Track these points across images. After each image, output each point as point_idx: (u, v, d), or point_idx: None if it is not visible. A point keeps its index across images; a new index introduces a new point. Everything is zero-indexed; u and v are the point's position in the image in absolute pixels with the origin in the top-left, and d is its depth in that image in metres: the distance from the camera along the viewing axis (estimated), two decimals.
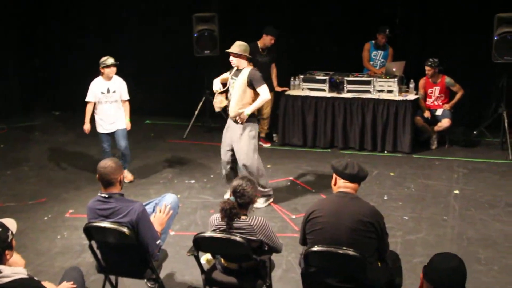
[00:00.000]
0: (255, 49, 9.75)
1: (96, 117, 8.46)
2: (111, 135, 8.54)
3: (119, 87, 8.44)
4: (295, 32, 11.64)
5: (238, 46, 7.38)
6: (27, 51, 12.83)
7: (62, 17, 12.68)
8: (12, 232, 3.89)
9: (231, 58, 7.43)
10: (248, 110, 7.34)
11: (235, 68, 7.52)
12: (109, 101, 8.39)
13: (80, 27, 12.53)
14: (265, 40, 9.92)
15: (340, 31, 11.42)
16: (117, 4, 12.37)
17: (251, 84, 7.33)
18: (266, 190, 7.74)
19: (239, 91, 7.35)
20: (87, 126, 8.45)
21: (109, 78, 8.35)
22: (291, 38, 11.56)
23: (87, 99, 8.40)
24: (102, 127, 8.45)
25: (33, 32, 12.82)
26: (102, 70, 8.30)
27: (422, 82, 10.12)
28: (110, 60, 8.25)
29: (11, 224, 3.95)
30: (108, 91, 8.36)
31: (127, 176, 8.64)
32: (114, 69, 8.32)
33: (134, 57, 12.15)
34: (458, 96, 10.03)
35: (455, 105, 10.04)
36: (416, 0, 11.15)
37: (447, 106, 9.99)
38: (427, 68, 9.88)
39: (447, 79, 9.97)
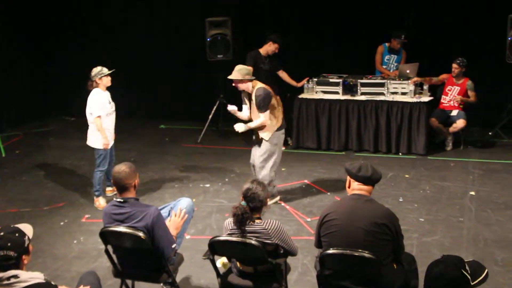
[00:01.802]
0: (257, 57, 9.66)
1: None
2: None
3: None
4: (307, 35, 11.63)
5: (238, 72, 7.40)
6: (40, 57, 12.90)
7: (74, 23, 12.73)
8: (28, 237, 3.92)
9: (235, 84, 7.51)
10: (244, 127, 7.60)
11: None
12: (113, 111, 7.99)
13: (93, 33, 12.57)
14: (270, 48, 9.76)
15: (353, 33, 11.40)
16: (130, 10, 12.41)
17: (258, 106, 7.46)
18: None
19: (255, 112, 7.53)
20: (107, 141, 7.86)
21: (106, 88, 7.88)
22: (304, 41, 11.56)
23: (98, 114, 7.75)
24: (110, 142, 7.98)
25: (46, 38, 12.88)
26: (98, 81, 7.75)
27: (446, 75, 10.02)
28: (105, 69, 7.79)
29: (27, 229, 3.97)
30: (110, 101, 7.95)
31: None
32: (110, 78, 7.87)
33: (148, 62, 12.22)
34: (470, 99, 9.94)
35: (465, 104, 9.93)
36: (428, 2, 11.10)
37: (458, 98, 9.87)
38: (454, 66, 9.82)
39: (469, 82, 9.92)
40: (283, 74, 10.23)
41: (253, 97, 7.43)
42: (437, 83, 10.13)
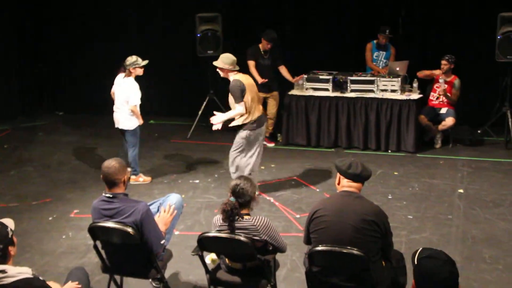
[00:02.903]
0: (257, 52, 9.90)
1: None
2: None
3: None
4: (298, 32, 11.64)
5: (220, 59, 7.59)
6: (30, 51, 12.84)
7: (65, 18, 12.67)
8: (11, 229, 3.91)
9: (218, 70, 7.67)
10: (220, 118, 7.62)
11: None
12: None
13: (83, 28, 12.51)
14: (263, 44, 9.93)
15: (343, 30, 11.42)
16: (120, 5, 12.36)
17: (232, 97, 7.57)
18: None
19: (230, 100, 7.63)
20: (142, 120, 8.60)
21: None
22: (294, 37, 11.55)
23: (136, 103, 8.40)
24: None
25: (36, 32, 12.83)
26: (132, 71, 8.28)
27: (438, 71, 10.02)
28: (140, 60, 8.29)
29: (8, 222, 3.97)
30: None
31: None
32: (143, 69, 8.39)
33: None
34: (452, 97, 9.93)
35: (447, 96, 9.92)
36: (419, 0, 11.13)
37: (444, 87, 9.86)
38: (443, 62, 9.80)
39: (456, 81, 9.93)
40: (282, 69, 10.27)
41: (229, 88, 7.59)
42: (429, 77, 10.09)
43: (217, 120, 7.65)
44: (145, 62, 8.31)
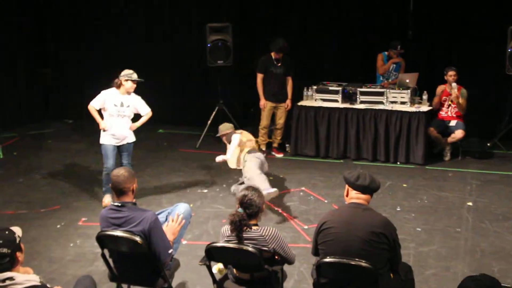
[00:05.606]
0: (269, 61, 9.94)
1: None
2: (117, 149, 8.01)
3: (133, 102, 7.96)
4: (307, 43, 11.64)
5: (219, 130, 8.64)
6: (38, 59, 12.91)
7: (73, 28, 12.74)
8: (18, 235, 3.92)
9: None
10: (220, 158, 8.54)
11: None
12: (121, 115, 7.88)
13: (92, 37, 12.59)
14: (274, 53, 9.96)
15: (353, 42, 11.42)
16: (129, 14, 12.42)
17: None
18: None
19: (232, 155, 8.46)
20: (104, 125, 7.84)
21: (127, 93, 7.87)
22: (303, 49, 11.56)
23: (91, 103, 7.85)
24: (109, 138, 7.91)
25: (44, 39, 12.91)
26: (124, 82, 7.77)
27: (440, 88, 10.01)
28: (135, 75, 7.78)
29: (15, 229, 3.98)
30: (122, 104, 7.86)
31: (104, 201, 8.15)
32: (135, 86, 7.83)
33: (147, 66, 12.16)
34: (461, 105, 9.87)
35: (458, 104, 9.87)
36: (429, 13, 11.12)
37: (456, 90, 9.82)
38: (453, 73, 9.73)
39: (463, 90, 9.90)
40: (288, 82, 10.25)
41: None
42: (441, 99, 10.09)
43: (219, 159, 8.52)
44: (139, 79, 7.84)
